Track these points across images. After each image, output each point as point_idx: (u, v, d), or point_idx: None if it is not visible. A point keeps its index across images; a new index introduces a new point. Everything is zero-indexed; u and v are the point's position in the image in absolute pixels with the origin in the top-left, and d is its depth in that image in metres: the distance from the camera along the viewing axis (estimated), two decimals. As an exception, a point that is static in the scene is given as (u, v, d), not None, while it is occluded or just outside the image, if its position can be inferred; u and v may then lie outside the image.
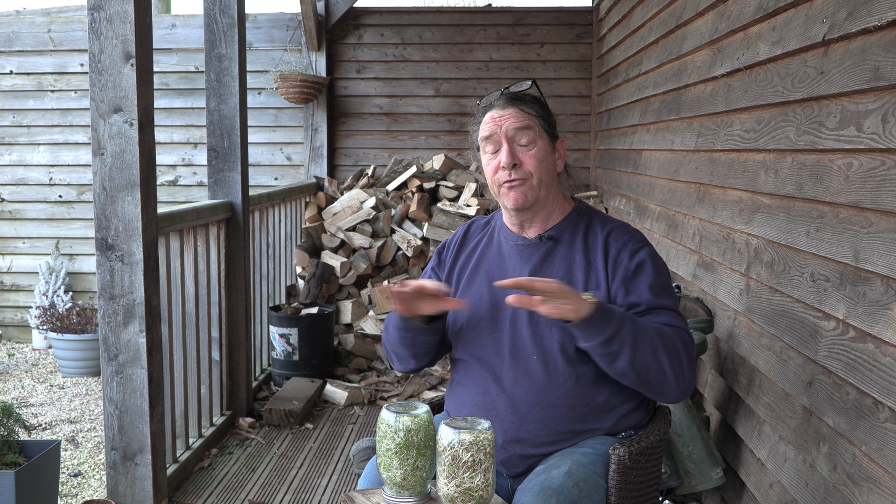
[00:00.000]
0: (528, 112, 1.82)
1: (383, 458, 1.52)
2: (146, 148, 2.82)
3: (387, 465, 1.52)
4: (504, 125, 1.80)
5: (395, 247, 5.20)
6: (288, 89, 5.68)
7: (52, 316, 5.37)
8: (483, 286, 1.89)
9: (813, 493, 1.96)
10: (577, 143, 6.00)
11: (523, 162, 1.80)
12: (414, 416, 1.51)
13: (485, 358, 1.85)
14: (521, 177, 1.80)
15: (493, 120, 1.82)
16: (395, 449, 1.51)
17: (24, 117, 6.15)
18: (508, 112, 1.81)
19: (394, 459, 1.51)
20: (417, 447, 1.51)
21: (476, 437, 1.45)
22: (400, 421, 1.51)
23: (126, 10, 2.70)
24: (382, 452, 1.52)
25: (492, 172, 1.84)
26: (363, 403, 4.31)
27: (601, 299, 1.68)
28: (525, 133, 1.81)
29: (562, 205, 1.90)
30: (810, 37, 2.10)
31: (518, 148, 1.81)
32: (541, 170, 1.81)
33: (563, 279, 1.81)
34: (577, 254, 1.83)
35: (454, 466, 1.45)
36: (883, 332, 1.68)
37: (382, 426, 1.53)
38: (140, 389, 2.84)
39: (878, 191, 1.73)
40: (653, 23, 3.96)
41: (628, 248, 1.81)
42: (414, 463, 1.51)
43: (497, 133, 1.81)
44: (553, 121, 1.88)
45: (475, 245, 1.97)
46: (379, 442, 1.53)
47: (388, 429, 1.51)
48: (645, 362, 1.68)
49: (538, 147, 1.81)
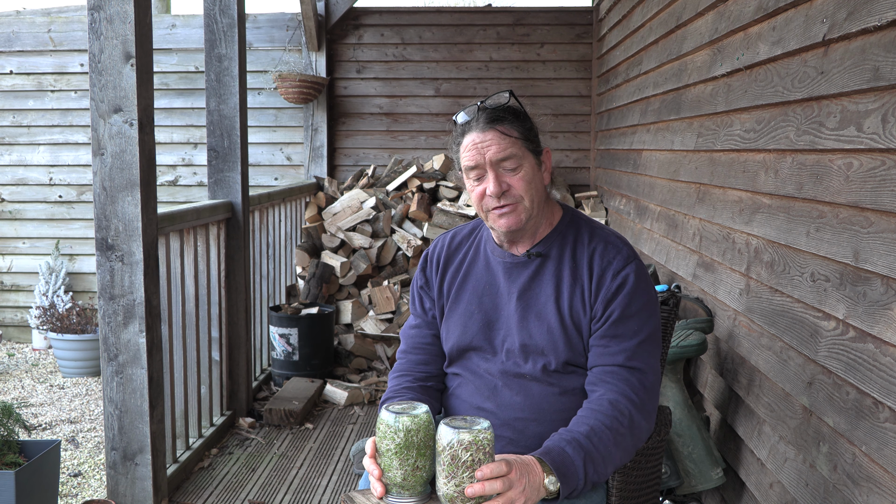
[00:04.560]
0: (510, 135, 1.73)
1: (383, 459, 1.51)
2: (146, 148, 2.82)
3: (387, 466, 1.51)
4: (487, 154, 1.71)
5: (395, 247, 5.20)
6: (287, 89, 5.68)
7: (52, 316, 5.37)
8: (473, 304, 1.85)
9: (813, 493, 1.96)
10: (577, 143, 6.00)
11: (512, 186, 1.72)
12: (414, 416, 1.50)
13: (479, 373, 1.83)
14: (511, 202, 1.73)
15: (474, 147, 1.73)
16: (395, 449, 1.50)
17: (24, 117, 6.15)
18: (490, 138, 1.72)
19: (394, 460, 1.50)
20: (417, 447, 1.50)
21: (475, 436, 1.45)
22: (399, 421, 1.49)
23: (126, 10, 2.70)
24: (382, 453, 1.51)
25: (478, 199, 1.75)
26: (363, 403, 4.31)
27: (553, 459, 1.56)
28: (510, 160, 1.72)
29: (549, 217, 1.84)
30: (810, 37, 2.10)
31: (504, 173, 1.73)
32: (531, 191, 1.74)
33: (552, 296, 1.77)
34: (565, 270, 1.79)
35: (453, 466, 1.45)
36: (883, 332, 1.68)
37: (382, 426, 1.52)
38: (140, 389, 2.84)
39: (878, 191, 1.73)
40: (653, 23, 3.96)
41: (613, 267, 1.75)
42: (414, 463, 1.50)
43: (481, 163, 1.72)
44: (536, 134, 1.79)
45: (462, 258, 1.91)
46: (378, 442, 1.52)
47: (388, 429, 1.50)
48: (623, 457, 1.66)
49: (525, 169, 1.74)
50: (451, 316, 1.88)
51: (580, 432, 1.61)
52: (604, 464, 1.60)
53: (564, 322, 1.75)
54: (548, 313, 1.77)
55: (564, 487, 1.53)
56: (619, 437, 1.63)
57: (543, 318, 1.76)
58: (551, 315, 1.76)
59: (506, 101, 1.77)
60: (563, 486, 1.52)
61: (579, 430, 1.61)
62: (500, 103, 1.76)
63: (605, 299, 1.73)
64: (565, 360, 1.75)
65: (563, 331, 1.75)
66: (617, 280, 1.74)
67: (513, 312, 1.80)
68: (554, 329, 1.75)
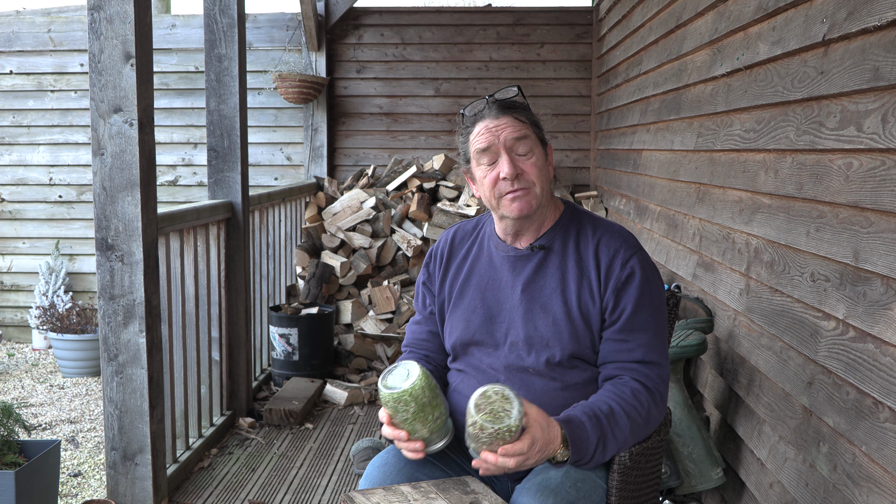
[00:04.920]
0: (523, 121, 1.78)
1: (405, 426, 1.62)
2: (146, 148, 2.82)
3: (412, 430, 1.62)
4: (502, 135, 1.75)
5: (394, 247, 5.20)
6: (287, 89, 5.68)
7: (52, 316, 5.37)
8: (476, 299, 1.87)
9: (813, 493, 1.96)
10: (577, 143, 6.00)
11: (524, 171, 1.76)
12: (412, 382, 1.59)
13: (482, 369, 1.84)
14: (523, 186, 1.75)
15: (488, 130, 1.76)
16: (413, 416, 1.60)
17: (24, 117, 6.15)
18: (504, 121, 1.76)
19: (416, 424, 1.61)
20: (430, 404, 1.61)
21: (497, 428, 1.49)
22: (403, 393, 1.58)
23: (126, 10, 2.70)
24: (401, 422, 1.62)
25: (491, 184, 1.78)
26: (363, 403, 4.31)
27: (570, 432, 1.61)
28: (523, 142, 1.76)
29: (553, 211, 1.87)
30: (810, 37, 2.10)
31: (517, 157, 1.76)
32: (542, 178, 1.78)
33: (557, 288, 1.79)
34: (570, 262, 1.80)
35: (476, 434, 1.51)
36: (883, 332, 1.68)
37: (391, 402, 1.60)
38: (140, 389, 2.84)
39: (878, 191, 1.73)
40: (653, 23, 3.96)
41: (620, 257, 1.77)
42: (433, 415, 1.62)
43: (495, 144, 1.75)
44: (542, 127, 1.84)
45: (465, 255, 1.93)
46: (393, 415, 1.62)
47: (398, 402, 1.59)
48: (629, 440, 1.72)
49: (536, 155, 1.78)
50: (455, 311, 1.90)
51: (602, 411, 1.67)
52: (613, 447, 1.67)
53: (571, 314, 1.76)
54: (553, 305, 1.78)
55: (571, 459, 1.61)
56: (634, 427, 1.70)
57: (549, 310, 1.78)
58: (557, 307, 1.77)
59: (515, 94, 1.83)
60: (571, 458, 1.61)
61: (601, 409, 1.67)
62: (510, 96, 1.82)
63: (616, 289, 1.76)
64: (570, 352, 1.76)
65: (570, 323, 1.76)
66: (626, 270, 1.77)
67: (517, 305, 1.81)
68: (560, 321, 1.76)
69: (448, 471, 1.83)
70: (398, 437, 1.63)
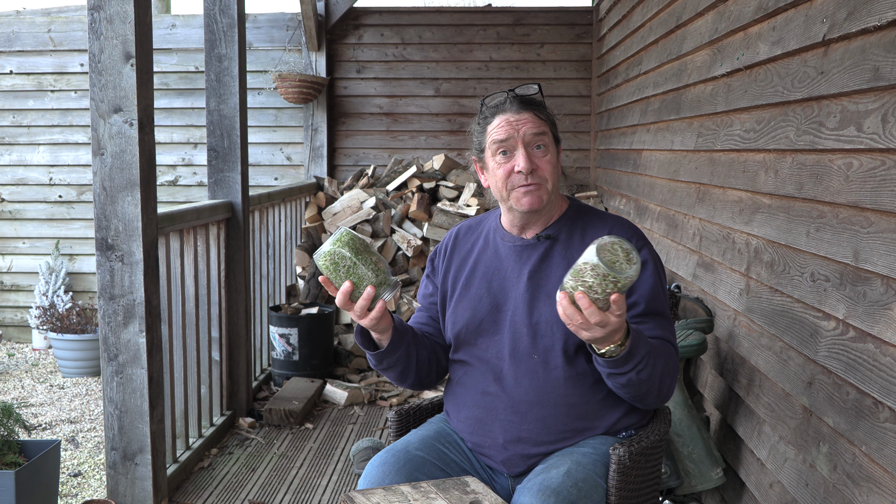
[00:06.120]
0: (543, 118, 1.84)
1: (353, 279, 1.66)
2: (146, 148, 2.82)
3: (358, 280, 1.66)
4: (522, 129, 1.80)
5: (395, 247, 5.20)
6: (287, 89, 5.68)
7: (52, 316, 5.37)
8: (482, 288, 1.90)
9: (813, 493, 1.96)
10: (577, 143, 6.00)
11: (539, 167, 1.81)
12: (340, 234, 1.66)
13: (486, 358, 1.86)
14: (536, 182, 1.80)
15: (508, 124, 1.81)
16: (353, 265, 1.65)
17: (24, 117, 6.15)
18: (525, 117, 1.81)
19: (358, 270, 1.66)
20: (366, 250, 1.67)
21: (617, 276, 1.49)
22: (335, 244, 1.65)
23: (126, 10, 2.70)
24: (343, 278, 1.66)
25: (504, 175, 1.82)
26: (363, 403, 4.31)
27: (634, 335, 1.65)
28: (541, 139, 1.82)
29: (560, 205, 1.92)
30: (810, 37, 2.10)
31: (533, 153, 1.81)
32: (554, 176, 1.84)
33: (563, 277, 1.81)
34: (576, 251, 1.84)
35: (579, 276, 1.52)
36: (883, 332, 1.68)
37: (328, 262, 1.65)
38: (140, 389, 2.84)
39: (878, 191, 1.73)
40: (653, 23, 3.96)
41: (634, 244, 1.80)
42: (372, 259, 1.67)
43: (514, 137, 1.80)
44: (557, 126, 1.91)
45: (470, 248, 1.97)
46: (335, 278, 1.66)
47: (333, 258, 1.65)
48: (644, 385, 1.71)
49: (551, 153, 1.83)
50: (460, 302, 1.92)
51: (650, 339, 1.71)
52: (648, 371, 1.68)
53: None
54: None
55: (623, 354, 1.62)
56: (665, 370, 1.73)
57: (554, 298, 1.79)
58: None
59: (535, 92, 1.88)
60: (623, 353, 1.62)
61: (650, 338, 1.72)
62: (531, 93, 1.87)
63: None
64: (575, 340, 1.78)
65: None
66: (641, 257, 1.77)
67: (522, 293, 1.84)
68: None
69: (448, 471, 1.84)
70: (343, 289, 1.66)
